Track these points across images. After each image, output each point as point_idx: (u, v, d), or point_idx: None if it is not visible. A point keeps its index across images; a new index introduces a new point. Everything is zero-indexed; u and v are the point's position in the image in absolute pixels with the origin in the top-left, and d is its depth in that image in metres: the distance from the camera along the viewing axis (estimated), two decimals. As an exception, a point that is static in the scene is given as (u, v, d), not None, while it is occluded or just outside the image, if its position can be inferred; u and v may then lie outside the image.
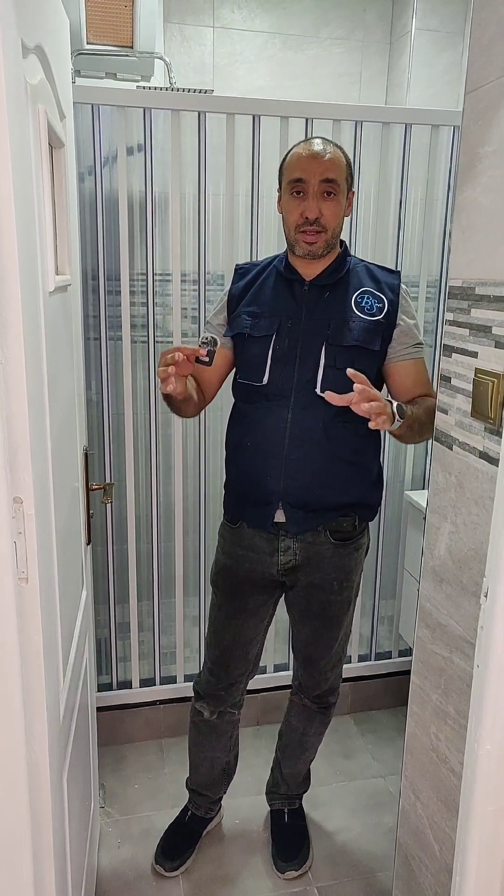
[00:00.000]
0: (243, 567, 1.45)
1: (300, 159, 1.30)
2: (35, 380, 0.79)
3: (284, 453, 1.36)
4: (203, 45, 2.44)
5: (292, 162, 1.32)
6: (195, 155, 1.73)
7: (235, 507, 1.46)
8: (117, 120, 1.66)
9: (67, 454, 1.12)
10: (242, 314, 1.39)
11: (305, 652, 1.53)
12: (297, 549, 1.41)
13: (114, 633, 1.95)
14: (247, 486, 1.42)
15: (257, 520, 1.41)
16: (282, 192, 1.35)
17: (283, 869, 1.59)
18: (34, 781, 0.84)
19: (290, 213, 1.32)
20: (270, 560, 1.43)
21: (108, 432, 1.83)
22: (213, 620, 1.52)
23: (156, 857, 1.60)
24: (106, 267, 1.75)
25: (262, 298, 1.39)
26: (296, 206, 1.31)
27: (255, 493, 1.40)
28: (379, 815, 1.75)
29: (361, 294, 1.37)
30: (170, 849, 1.61)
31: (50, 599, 0.90)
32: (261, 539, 1.42)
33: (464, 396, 1.07)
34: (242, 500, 1.44)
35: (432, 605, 1.20)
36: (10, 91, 0.68)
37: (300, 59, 2.53)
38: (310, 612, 1.47)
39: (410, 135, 1.83)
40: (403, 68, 2.46)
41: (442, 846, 1.20)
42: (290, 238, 1.35)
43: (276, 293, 1.39)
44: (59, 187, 1.06)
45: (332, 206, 1.30)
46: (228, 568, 1.47)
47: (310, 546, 1.41)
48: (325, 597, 1.45)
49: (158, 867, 1.58)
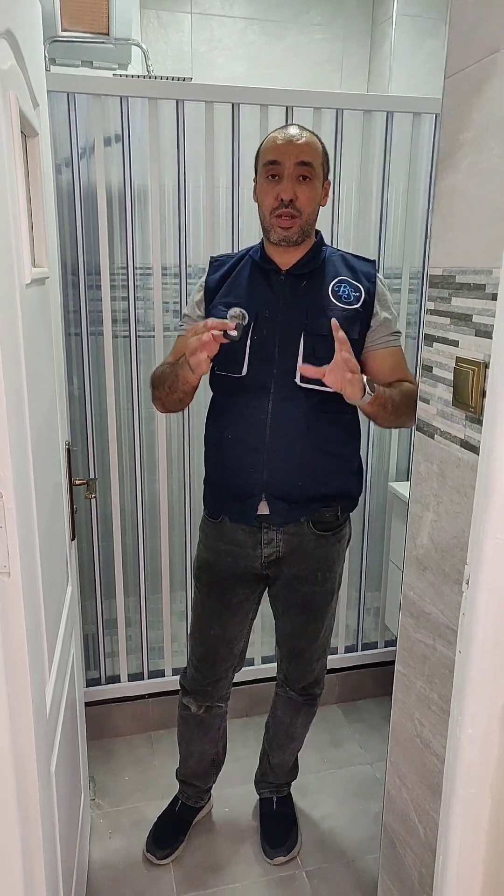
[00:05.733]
0: (226, 562, 1.45)
1: (275, 143, 1.30)
2: (12, 373, 0.79)
3: (266, 445, 1.35)
4: (181, 31, 2.41)
5: (268, 146, 1.31)
6: (174, 144, 1.71)
7: (216, 501, 1.45)
8: (94, 109, 1.64)
9: (49, 449, 1.11)
10: (219, 305, 1.37)
11: (290, 644, 1.53)
12: (281, 542, 1.41)
13: (101, 629, 1.95)
14: (229, 480, 1.41)
15: (240, 513, 1.41)
16: (257, 178, 1.35)
17: (271, 855, 1.60)
18: (21, 775, 0.84)
19: (265, 197, 1.31)
20: (253, 553, 1.42)
21: (90, 428, 1.82)
22: (197, 617, 1.51)
23: (147, 845, 1.61)
24: (85, 261, 1.73)
25: (239, 289, 1.37)
26: (270, 189, 1.29)
27: (238, 487, 1.39)
28: (366, 802, 1.78)
29: (338, 283, 1.36)
30: (161, 838, 1.62)
31: (33, 593, 0.89)
32: (243, 533, 1.42)
33: (445, 385, 1.08)
34: (224, 494, 1.43)
35: (415, 594, 1.21)
36: (-19, 79, 0.66)
37: (280, 46, 2.51)
38: (294, 604, 1.47)
39: (392, 123, 1.83)
40: (385, 55, 2.45)
41: (426, 828, 1.22)
42: (265, 224, 1.34)
43: (252, 283, 1.37)
44: (34, 177, 1.04)
45: (308, 189, 1.29)
46: (211, 564, 1.47)
47: (293, 538, 1.41)
48: (309, 588, 1.45)
49: (150, 855, 1.59)
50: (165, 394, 1.37)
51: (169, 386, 1.35)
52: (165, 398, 1.38)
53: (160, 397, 1.39)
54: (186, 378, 1.29)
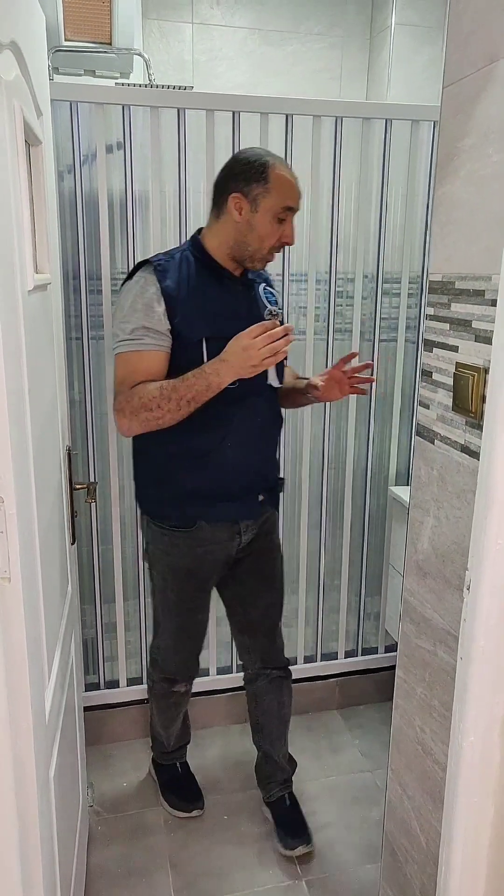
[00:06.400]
0: (207, 561, 1.51)
1: (293, 188, 1.36)
2: (14, 379, 0.79)
3: (260, 445, 1.48)
4: (182, 41, 2.43)
5: (287, 188, 1.35)
6: (175, 152, 1.72)
7: (197, 509, 1.45)
8: (96, 117, 1.65)
9: (50, 454, 1.12)
10: (197, 317, 1.35)
11: (266, 621, 1.64)
12: (254, 526, 1.54)
13: (100, 633, 1.94)
14: (227, 486, 1.45)
15: (235, 514, 1.49)
16: (256, 207, 1.35)
17: (293, 846, 1.61)
18: (20, 780, 0.84)
19: (269, 235, 1.37)
20: (231, 545, 1.52)
21: (91, 432, 1.83)
22: (181, 620, 1.57)
23: (177, 807, 1.73)
24: (87, 266, 1.74)
25: (206, 299, 1.38)
26: (276, 229, 1.37)
27: (239, 489, 1.47)
28: (366, 809, 1.77)
29: (265, 290, 1.52)
30: (186, 795, 1.75)
31: (33, 598, 0.89)
32: (220, 530, 1.49)
33: (445, 391, 1.08)
34: (214, 499, 1.45)
35: (416, 600, 1.21)
36: (-15, 87, 0.67)
37: (280, 55, 2.53)
38: (265, 577, 1.61)
39: (391, 130, 1.84)
40: (383, 64, 2.47)
41: (428, 837, 1.21)
42: (255, 255, 1.39)
43: (214, 291, 1.40)
44: (37, 185, 1.05)
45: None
46: (191, 571, 1.52)
47: (261, 517, 1.56)
48: (273, 558, 1.63)
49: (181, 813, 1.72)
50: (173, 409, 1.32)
51: (188, 401, 1.31)
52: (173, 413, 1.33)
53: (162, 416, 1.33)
54: (221, 385, 1.30)
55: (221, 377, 1.29)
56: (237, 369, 1.28)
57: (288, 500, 2.02)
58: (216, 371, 1.29)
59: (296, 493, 2.02)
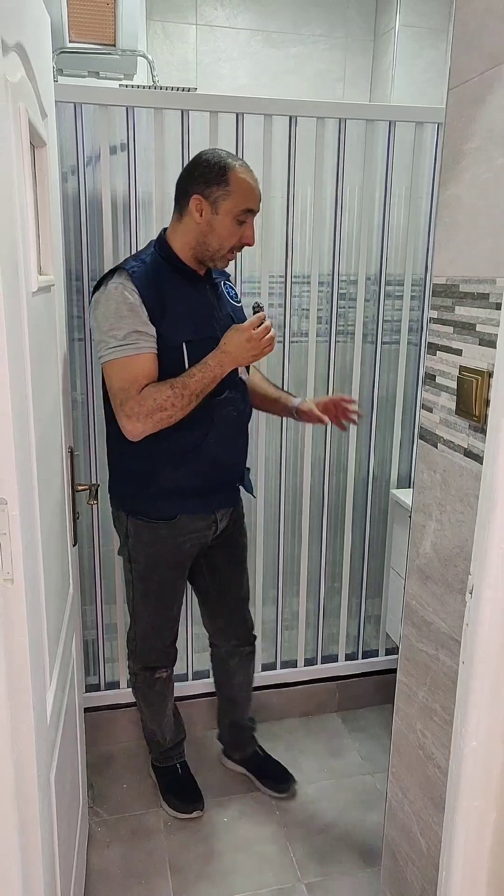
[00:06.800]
0: (186, 550, 1.58)
1: (253, 192, 1.40)
2: (18, 380, 0.79)
3: (236, 437, 1.56)
4: (186, 42, 2.44)
5: (246, 191, 1.39)
6: (178, 154, 1.72)
7: (176, 502, 1.52)
8: (100, 119, 1.65)
9: (53, 455, 1.11)
10: (176, 318, 1.40)
11: (238, 599, 1.74)
12: (227, 513, 1.62)
13: (101, 634, 1.94)
14: (208, 479, 1.52)
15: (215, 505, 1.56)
16: (216, 209, 1.38)
17: (283, 790, 1.79)
18: (21, 782, 0.83)
19: (229, 236, 1.41)
20: (207, 533, 1.59)
21: (92, 433, 1.82)
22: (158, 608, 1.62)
23: (178, 809, 1.73)
24: (90, 267, 1.74)
25: (181, 303, 1.42)
26: (236, 230, 1.41)
27: (221, 481, 1.56)
28: (366, 812, 1.76)
29: (226, 285, 1.57)
30: (187, 796, 1.75)
31: (36, 600, 0.89)
32: (199, 520, 1.56)
33: (448, 394, 1.08)
34: (193, 492, 1.52)
35: (418, 603, 1.21)
36: (-10, 89, 0.67)
37: (283, 57, 2.53)
38: (237, 558, 1.71)
39: (394, 132, 1.84)
40: (387, 65, 2.47)
41: (429, 842, 1.21)
42: (215, 255, 1.43)
43: (186, 294, 1.44)
44: (41, 187, 1.05)
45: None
46: (172, 560, 1.58)
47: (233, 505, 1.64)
48: (242, 540, 1.72)
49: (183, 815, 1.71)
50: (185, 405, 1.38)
51: (197, 394, 1.39)
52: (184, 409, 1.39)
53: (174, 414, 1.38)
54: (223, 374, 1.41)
55: (224, 368, 1.40)
56: (238, 360, 1.40)
57: (289, 502, 2.02)
58: (220, 363, 1.39)
59: (297, 495, 2.02)
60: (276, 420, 1.93)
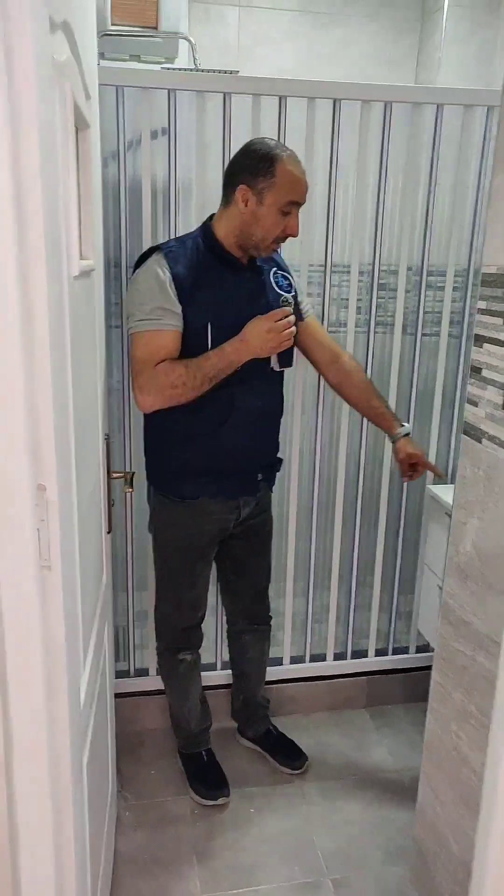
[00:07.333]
0: (205, 532, 1.61)
1: (300, 184, 1.40)
2: (59, 366, 0.78)
3: (259, 425, 1.56)
4: (228, 25, 2.40)
5: (292, 184, 1.39)
6: (220, 138, 1.69)
7: (199, 484, 1.56)
8: (141, 102, 1.63)
9: (90, 441, 1.11)
10: (204, 303, 1.43)
11: (258, 585, 1.78)
12: (251, 501, 1.63)
13: (132, 621, 1.95)
14: (229, 462, 1.54)
15: (235, 491, 1.58)
16: (262, 200, 1.39)
17: (298, 766, 1.83)
18: (55, 769, 0.84)
19: (273, 227, 1.41)
20: (229, 517, 1.61)
21: (128, 420, 1.82)
22: (179, 586, 1.66)
23: (204, 795, 1.73)
24: (128, 254, 1.73)
25: (214, 286, 1.44)
26: (280, 221, 1.41)
27: (239, 466, 1.56)
28: (394, 810, 1.74)
29: (275, 274, 1.55)
30: (213, 783, 1.76)
31: (72, 587, 0.89)
32: (221, 505, 1.58)
33: (495, 388, 1.04)
34: (213, 475, 1.54)
35: (456, 602, 1.18)
36: (39, 67, 0.66)
37: (327, 40, 2.48)
38: (258, 547, 1.74)
39: (442, 116, 1.78)
40: (434, 48, 2.40)
41: (460, 845, 1.19)
42: (259, 244, 1.44)
43: (223, 279, 1.46)
44: (84, 170, 1.04)
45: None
46: (191, 542, 1.61)
47: (258, 494, 1.65)
48: (267, 529, 1.75)
49: (207, 801, 1.72)
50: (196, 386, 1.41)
51: (211, 378, 1.41)
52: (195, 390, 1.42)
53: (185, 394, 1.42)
54: (239, 363, 1.42)
55: (241, 355, 1.41)
56: (256, 350, 1.41)
57: (323, 493, 2.00)
58: (236, 350, 1.40)
59: (331, 487, 1.99)
60: (311, 411, 1.91)
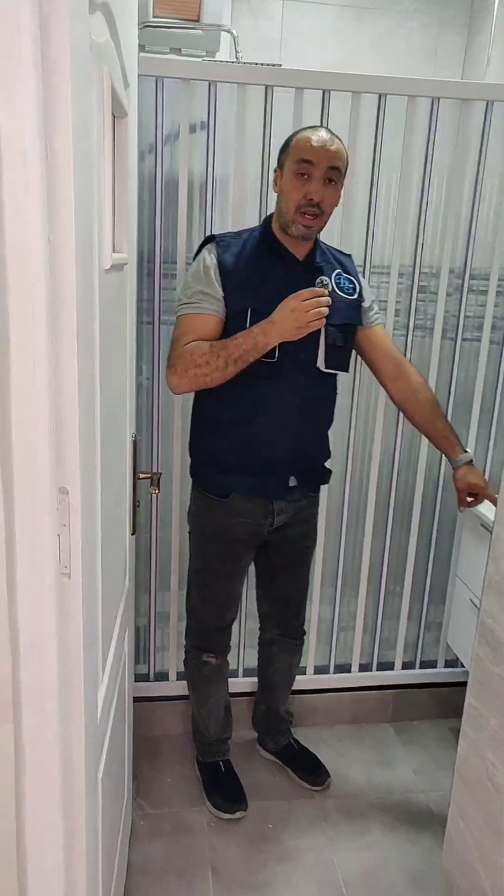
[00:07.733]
0: (236, 531, 1.57)
1: (310, 143, 1.36)
2: (86, 362, 0.74)
3: (296, 425, 1.49)
4: (271, 19, 2.35)
5: (300, 144, 1.37)
6: (260, 133, 1.65)
7: (231, 480, 1.53)
8: (181, 95, 1.59)
9: (116, 442, 1.07)
10: (246, 289, 1.41)
11: (290, 596, 1.74)
12: (288, 509, 1.57)
13: (153, 622, 1.92)
14: (258, 460, 1.50)
15: (264, 489, 1.52)
16: (283, 172, 1.39)
17: (319, 782, 1.79)
18: (68, 782, 0.80)
19: (292, 192, 1.37)
20: (263, 522, 1.56)
21: (156, 420, 1.79)
22: (206, 582, 1.63)
23: (220, 808, 1.69)
24: (162, 249, 1.69)
25: (260, 274, 1.43)
26: (299, 186, 1.36)
27: (268, 465, 1.51)
28: (418, 833, 1.68)
29: (338, 276, 1.51)
30: (230, 796, 1.71)
31: (92, 595, 0.85)
32: (254, 506, 1.54)
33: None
34: (245, 472, 1.51)
35: (495, 622, 1.12)
36: (75, 47, 0.62)
37: (372, 35, 2.41)
38: (293, 560, 1.68)
39: (491, 113, 1.71)
40: (483, 44, 2.32)
41: (491, 880, 1.12)
42: (287, 218, 1.40)
43: (272, 270, 1.44)
44: (120, 159, 1.00)
45: (333, 192, 1.39)
46: (219, 538, 1.58)
47: (296, 503, 1.59)
48: (306, 544, 1.69)
49: (225, 814, 1.68)
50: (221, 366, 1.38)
51: (236, 359, 1.37)
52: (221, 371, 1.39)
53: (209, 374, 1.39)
54: (267, 346, 1.37)
55: (268, 337, 1.36)
56: (282, 331, 1.35)
57: (354, 498, 1.94)
58: (263, 331, 1.36)
59: (363, 492, 1.93)
60: (345, 413, 1.85)
